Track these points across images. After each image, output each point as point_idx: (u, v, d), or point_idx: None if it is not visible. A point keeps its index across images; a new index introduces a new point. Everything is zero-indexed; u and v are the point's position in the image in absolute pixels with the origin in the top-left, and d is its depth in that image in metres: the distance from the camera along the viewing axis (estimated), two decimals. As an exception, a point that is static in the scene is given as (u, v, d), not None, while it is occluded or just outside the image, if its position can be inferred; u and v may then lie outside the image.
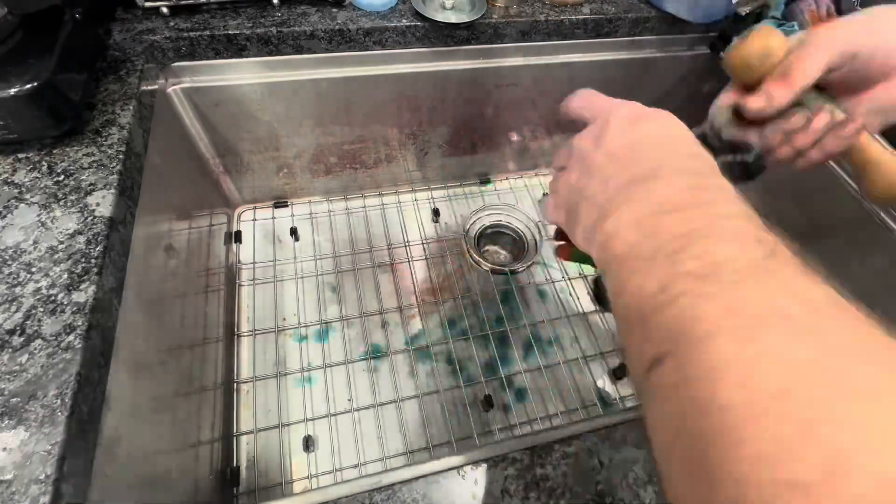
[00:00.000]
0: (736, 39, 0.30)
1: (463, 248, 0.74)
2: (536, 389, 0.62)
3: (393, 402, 0.59)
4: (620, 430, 0.36)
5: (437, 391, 0.60)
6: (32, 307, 0.30)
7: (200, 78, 0.54)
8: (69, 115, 0.38)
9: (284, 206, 0.75)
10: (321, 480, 0.53)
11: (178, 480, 0.42)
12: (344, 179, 0.75)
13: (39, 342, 0.28)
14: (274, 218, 0.74)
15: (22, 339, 0.28)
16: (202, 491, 0.46)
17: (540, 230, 0.75)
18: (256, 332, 0.63)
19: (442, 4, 0.54)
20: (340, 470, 0.54)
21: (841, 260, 0.59)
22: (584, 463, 0.34)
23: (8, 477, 0.24)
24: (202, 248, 0.57)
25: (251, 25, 0.51)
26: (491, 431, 0.58)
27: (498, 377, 0.62)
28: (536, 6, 0.59)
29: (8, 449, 0.25)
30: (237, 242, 0.71)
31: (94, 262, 0.32)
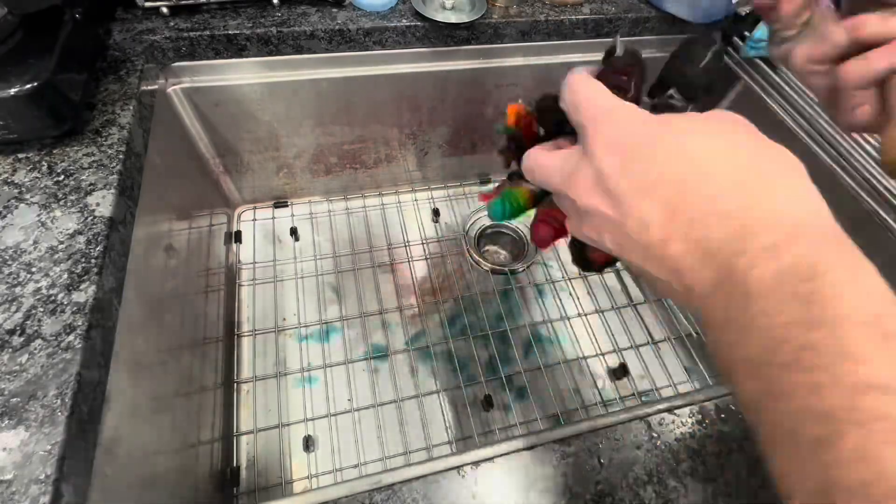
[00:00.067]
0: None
1: (463, 248, 0.74)
2: (536, 389, 0.62)
3: (393, 402, 0.59)
4: (620, 430, 0.36)
5: (437, 391, 0.60)
6: (32, 307, 0.30)
7: (200, 78, 0.54)
8: (69, 115, 0.38)
9: (284, 206, 0.75)
10: (321, 480, 0.54)
11: (178, 480, 0.42)
12: (344, 179, 0.75)
13: (39, 342, 0.28)
14: (274, 218, 0.74)
15: (22, 339, 0.28)
16: (202, 491, 0.46)
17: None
18: (256, 332, 0.63)
19: (442, 4, 0.54)
20: (340, 470, 0.54)
21: (841, 260, 0.59)
22: (584, 463, 0.34)
23: (8, 477, 0.24)
24: (202, 248, 0.57)
25: (251, 25, 0.51)
26: (491, 431, 0.58)
27: (498, 377, 0.62)
28: (536, 6, 0.59)
29: (8, 449, 0.25)
30: (237, 242, 0.71)
31: (94, 262, 0.32)
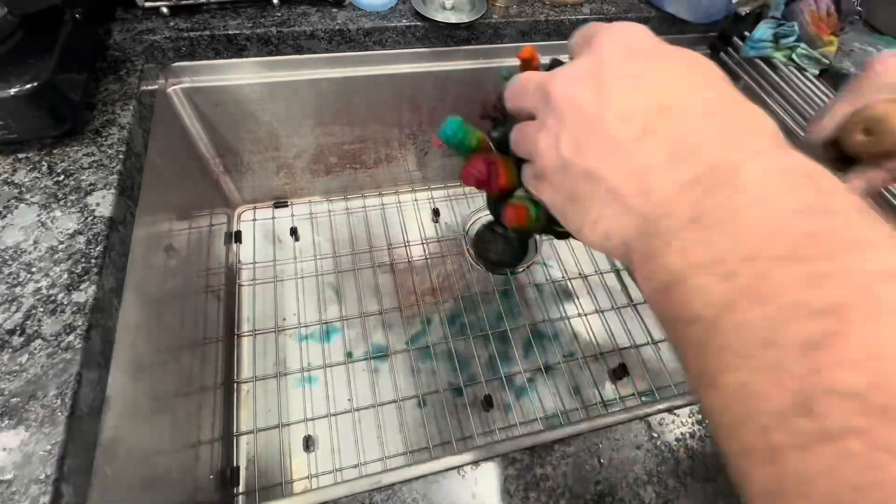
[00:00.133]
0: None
1: (463, 247, 0.74)
2: (536, 389, 0.62)
3: (393, 401, 0.59)
4: (620, 430, 0.36)
5: (437, 391, 0.60)
6: (32, 307, 0.30)
7: (200, 78, 0.54)
8: (69, 115, 0.38)
9: (284, 206, 0.75)
10: (321, 480, 0.54)
11: (177, 480, 0.42)
12: (344, 179, 0.75)
13: (39, 342, 0.28)
14: (274, 218, 0.74)
15: (22, 339, 0.28)
16: (202, 491, 0.46)
17: (540, 230, 0.75)
18: (256, 332, 0.63)
19: (442, 4, 0.54)
20: (340, 470, 0.54)
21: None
22: (584, 463, 0.34)
23: (8, 477, 0.24)
24: (202, 248, 0.57)
25: (251, 25, 0.51)
26: (491, 431, 0.58)
27: (498, 377, 0.62)
28: (536, 6, 0.59)
29: (8, 449, 0.25)
30: (237, 242, 0.71)
31: (94, 262, 0.32)
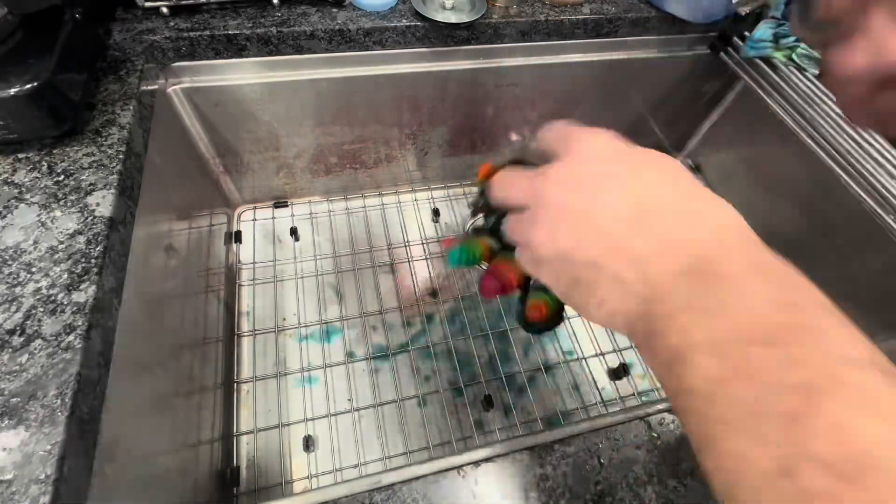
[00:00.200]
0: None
1: (463, 248, 0.73)
2: (536, 389, 0.62)
3: (393, 401, 0.59)
4: (620, 430, 0.36)
5: (437, 391, 0.60)
6: (32, 307, 0.30)
7: (200, 78, 0.54)
8: (69, 115, 0.38)
9: (284, 206, 0.75)
10: (321, 480, 0.53)
11: (177, 480, 0.42)
12: (344, 179, 0.75)
13: (39, 342, 0.28)
14: (274, 218, 0.74)
15: (22, 339, 0.28)
16: (202, 491, 0.46)
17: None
18: (256, 332, 0.63)
19: (442, 4, 0.54)
20: (340, 470, 0.54)
21: (841, 260, 0.59)
22: (584, 463, 0.34)
23: (8, 477, 0.24)
24: (202, 248, 0.57)
25: (251, 25, 0.51)
26: (491, 431, 0.58)
27: (498, 377, 0.62)
28: (536, 6, 0.59)
29: (8, 449, 0.25)
30: (237, 242, 0.71)
31: (94, 262, 0.32)
